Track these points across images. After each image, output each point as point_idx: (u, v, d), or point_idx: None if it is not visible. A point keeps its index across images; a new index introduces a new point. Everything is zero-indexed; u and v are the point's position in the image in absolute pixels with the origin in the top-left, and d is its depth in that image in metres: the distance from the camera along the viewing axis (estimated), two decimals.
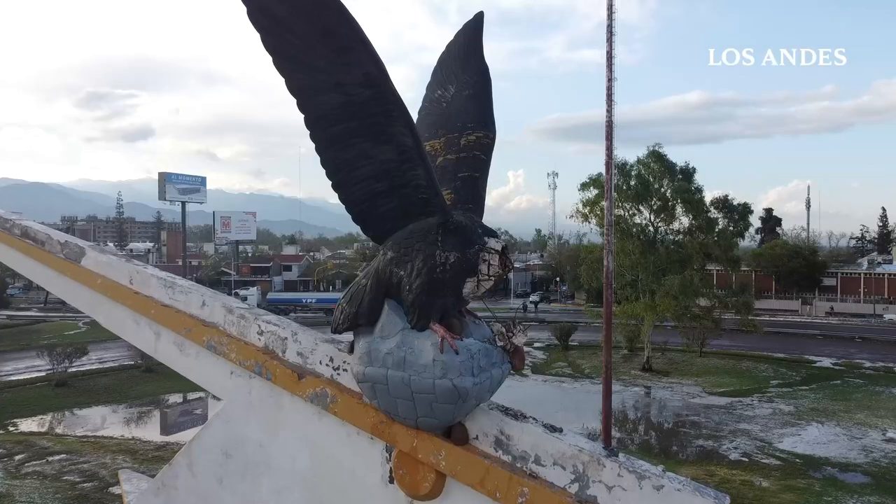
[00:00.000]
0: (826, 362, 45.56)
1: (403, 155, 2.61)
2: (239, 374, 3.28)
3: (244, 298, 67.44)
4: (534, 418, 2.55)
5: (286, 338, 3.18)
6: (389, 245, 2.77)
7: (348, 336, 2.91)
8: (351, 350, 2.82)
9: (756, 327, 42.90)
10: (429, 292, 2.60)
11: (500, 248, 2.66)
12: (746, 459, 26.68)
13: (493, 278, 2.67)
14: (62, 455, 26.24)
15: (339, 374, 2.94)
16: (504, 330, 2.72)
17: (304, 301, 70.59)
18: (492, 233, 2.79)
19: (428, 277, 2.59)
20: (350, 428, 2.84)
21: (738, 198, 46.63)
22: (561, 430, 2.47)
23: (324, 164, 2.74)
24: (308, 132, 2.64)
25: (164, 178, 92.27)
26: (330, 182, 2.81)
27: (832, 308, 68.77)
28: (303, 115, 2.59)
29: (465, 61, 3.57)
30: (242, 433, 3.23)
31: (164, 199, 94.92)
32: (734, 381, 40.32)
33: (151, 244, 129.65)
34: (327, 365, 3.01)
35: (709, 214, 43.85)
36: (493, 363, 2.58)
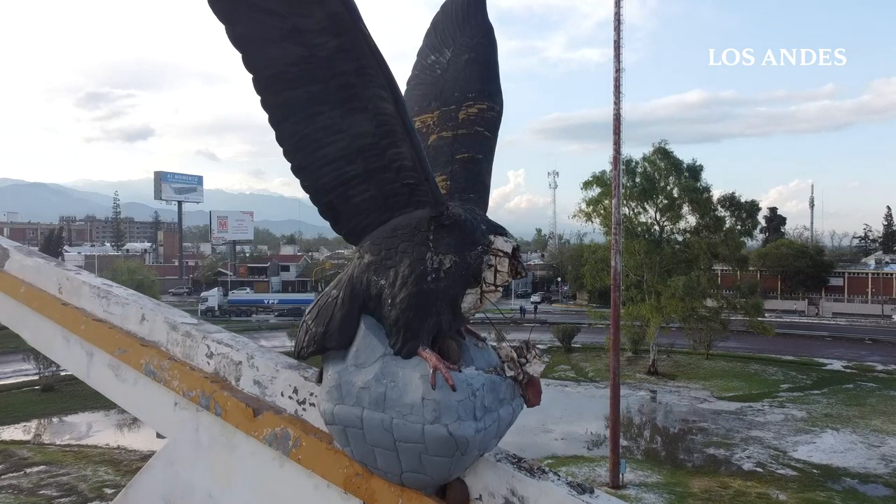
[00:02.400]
0: (836, 365, 44.58)
1: (383, 127, 2.18)
2: (184, 406, 2.84)
3: (205, 300, 66.81)
4: (555, 474, 2.09)
5: (240, 362, 2.74)
6: (367, 246, 2.34)
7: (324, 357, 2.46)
8: (319, 379, 2.37)
9: (766, 330, 41.81)
10: (417, 307, 2.18)
11: (510, 250, 2.21)
12: (761, 470, 25.62)
13: (500, 288, 2.23)
14: (41, 466, 25.30)
15: (304, 409, 2.52)
16: (515, 355, 2.28)
17: (265, 302, 70.01)
18: (499, 229, 2.31)
19: (416, 288, 2.18)
20: (318, 479, 2.40)
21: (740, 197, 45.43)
22: (592, 491, 2.05)
23: (280, 140, 2.27)
24: (259, 99, 2.16)
25: (160, 178, 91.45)
26: (289, 164, 2.33)
27: (817, 309, 67.51)
28: (251, 76, 2.10)
29: (464, 20, 3.09)
30: (188, 479, 2.81)
31: (160, 199, 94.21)
32: (743, 385, 39.32)
33: (149, 244, 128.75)
34: (290, 398, 2.56)
35: (716, 213, 42.74)
36: (500, 400, 2.17)
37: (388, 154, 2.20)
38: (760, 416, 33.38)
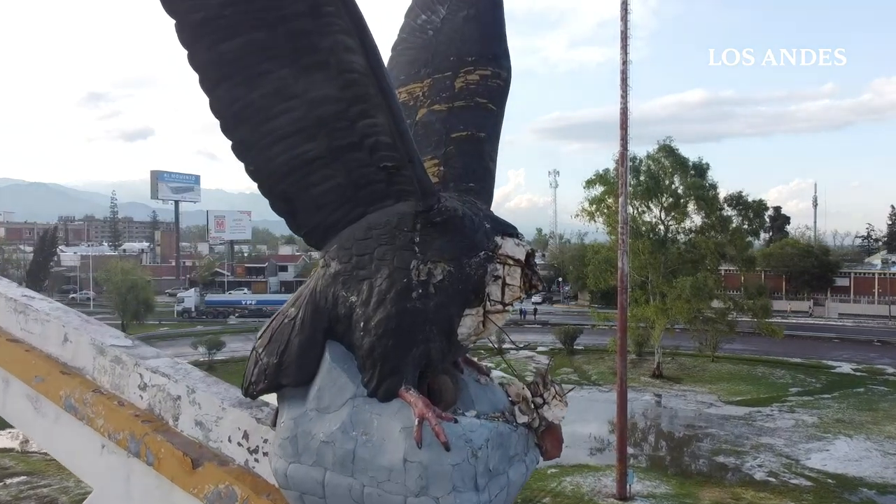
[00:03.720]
0: (846, 368, 43.46)
1: (350, 89, 1.74)
2: (113, 450, 2.43)
3: (181, 301, 65.72)
4: None
5: (179, 397, 2.34)
6: (334, 251, 1.90)
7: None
8: (276, 422, 1.92)
9: (776, 332, 40.71)
10: (398, 334, 1.74)
11: (522, 257, 1.80)
12: (774, 479, 24.58)
13: (509, 307, 1.81)
14: (23, 477, 24.46)
15: (256, 460, 2.10)
16: (529, 394, 1.86)
17: (242, 303, 68.88)
18: (508, 229, 1.87)
19: (397, 307, 1.74)
20: None
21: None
22: None
23: (215, 109, 1.82)
24: (186, 53, 1.77)
25: (157, 177, 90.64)
26: (230, 142, 1.86)
27: (810, 308, 65.94)
28: (174, 23, 1.73)
29: None
30: None
31: (157, 198, 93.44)
32: (750, 389, 38.25)
33: (146, 244, 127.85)
34: (239, 444, 2.14)
35: (722, 212, 41.73)
36: (510, 458, 1.74)
37: (359, 126, 1.77)
38: (770, 421, 32.30)
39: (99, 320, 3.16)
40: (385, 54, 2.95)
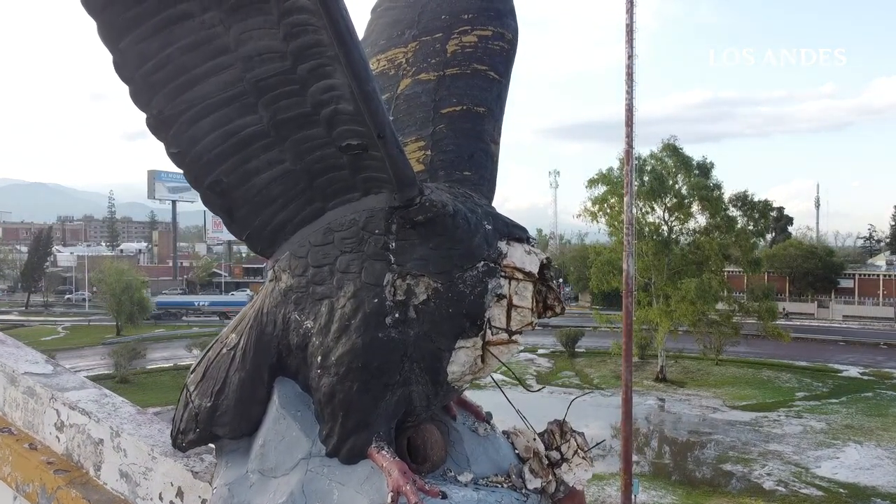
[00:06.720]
0: (853, 371, 42.63)
1: (298, 38, 1.33)
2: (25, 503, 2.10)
3: None
4: None
5: (101, 440, 1.99)
6: (284, 260, 1.56)
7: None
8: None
9: (782, 335, 39.97)
10: (367, 374, 1.39)
11: (535, 269, 1.50)
12: (783, 489, 23.82)
13: (516, 336, 1.52)
14: None
15: None
16: (542, 448, 1.57)
17: (195, 304, 67.91)
18: (516, 232, 1.57)
19: (365, 338, 1.39)
20: None
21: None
22: None
23: (121, 70, 1.51)
24: None
25: (154, 177, 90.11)
26: (143, 115, 1.60)
27: (784, 309, 64.79)
28: None
29: None
30: None
31: (154, 198, 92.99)
32: (756, 393, 37.45)
33: (144, 244, 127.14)
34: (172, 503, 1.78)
35: (727, 212, 40.99)
36: None
37: (312, 91, 1.36)
38: (777, 427, 31.54)
39: (95, 322, 2.49)
40: (363, 21, 2.34)
